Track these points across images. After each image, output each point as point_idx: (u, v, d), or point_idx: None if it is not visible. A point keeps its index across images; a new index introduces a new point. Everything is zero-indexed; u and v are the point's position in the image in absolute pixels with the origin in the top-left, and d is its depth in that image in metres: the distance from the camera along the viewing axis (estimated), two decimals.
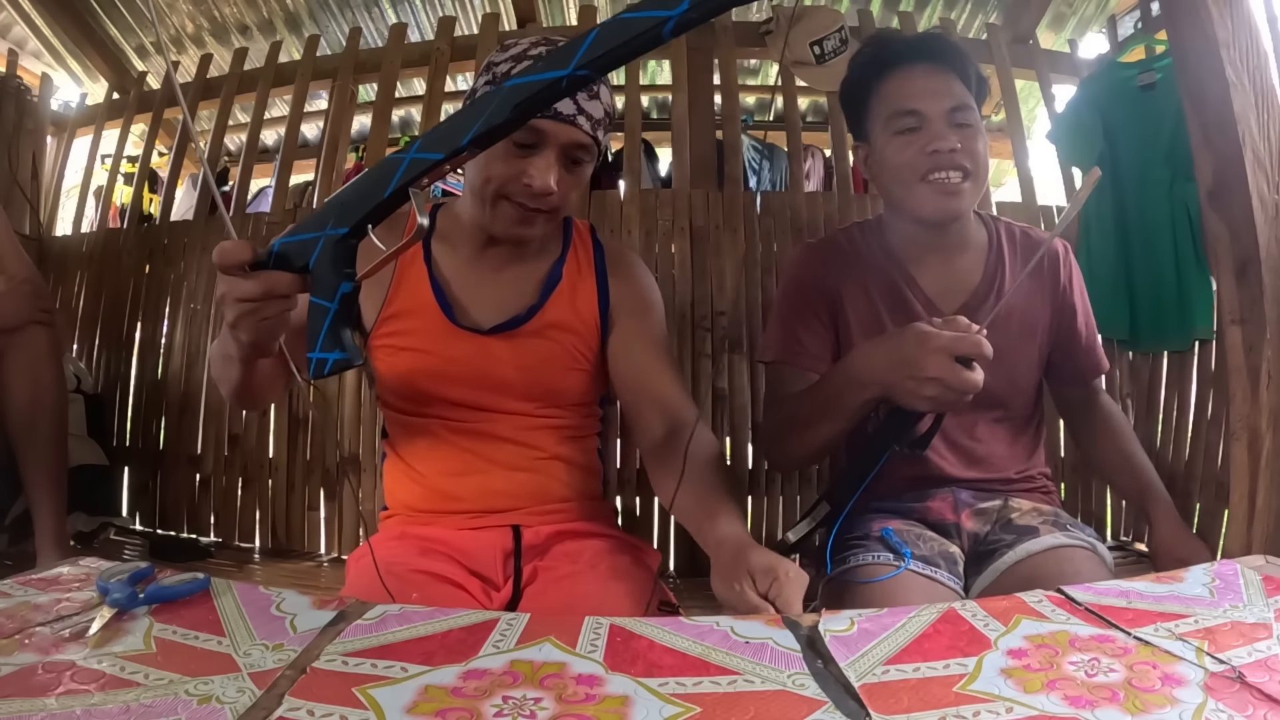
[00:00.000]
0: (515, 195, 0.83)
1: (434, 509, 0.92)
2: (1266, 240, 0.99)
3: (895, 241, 1.04)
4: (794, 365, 1.02)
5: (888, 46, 1.00)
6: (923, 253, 1.02)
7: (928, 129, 0.94)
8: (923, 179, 0.94)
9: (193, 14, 2.35)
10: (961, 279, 1.03)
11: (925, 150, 0.93)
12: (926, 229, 1.00)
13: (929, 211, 0.96)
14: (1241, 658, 0.42)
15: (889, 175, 0.98)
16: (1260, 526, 1.01)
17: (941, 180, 0.93)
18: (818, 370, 1.00)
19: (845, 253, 1.06)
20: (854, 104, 1.03)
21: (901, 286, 1.02)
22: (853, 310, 1.02)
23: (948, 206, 0.95)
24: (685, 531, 1.52)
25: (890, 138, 0.96)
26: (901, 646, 0.45)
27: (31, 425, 1.28)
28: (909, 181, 0.95)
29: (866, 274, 1.03)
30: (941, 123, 0.94)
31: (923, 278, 1.02)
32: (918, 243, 1.02)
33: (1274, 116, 1.03)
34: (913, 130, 0.95)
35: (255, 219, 1.75)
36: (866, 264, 1.04)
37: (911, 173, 0.95)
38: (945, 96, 0.95)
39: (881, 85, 0.98)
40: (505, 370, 0.90)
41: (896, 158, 0.96)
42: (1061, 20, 2.29)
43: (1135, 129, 1.52)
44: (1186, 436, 1.49)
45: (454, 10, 2.34)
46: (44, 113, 2.11)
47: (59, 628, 0.46)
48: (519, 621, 0.49)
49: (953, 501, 0.99)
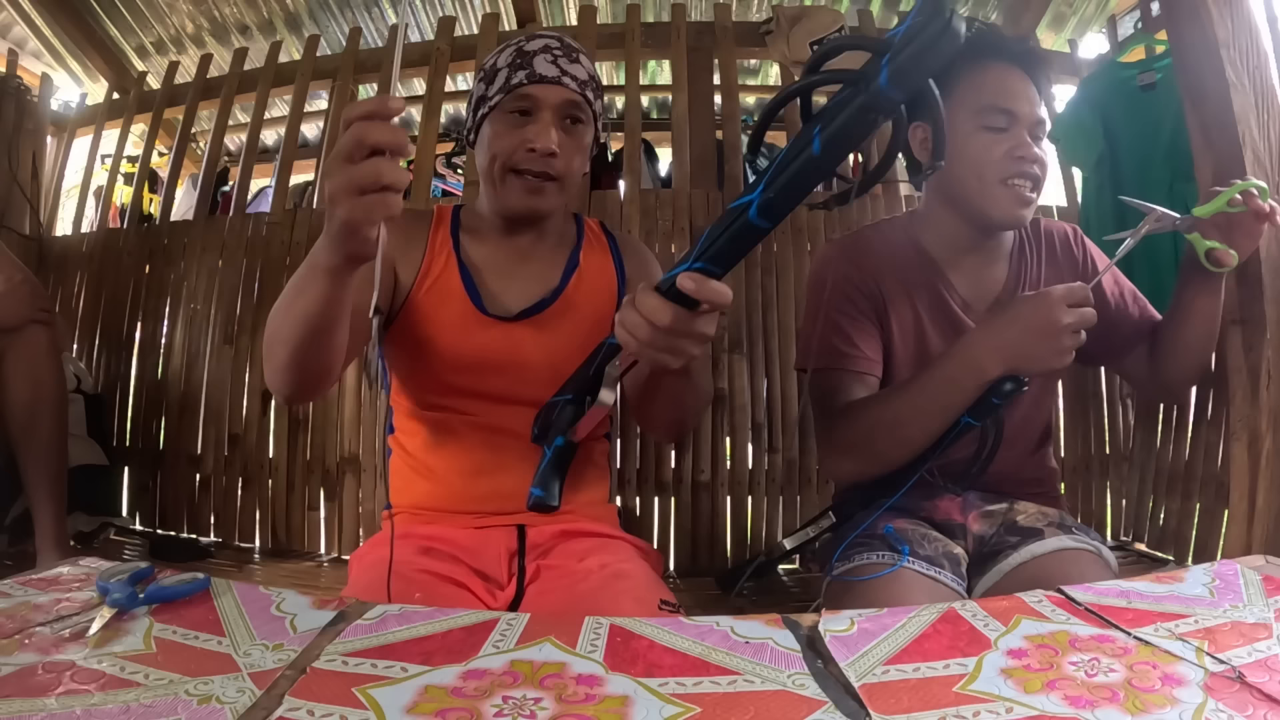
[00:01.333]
0: (521, 164, 0.88)
1: (442, 508, 0.92)
2: (1266, 240, 0.99)
3: (932, 241, 1.02)
4: (847, 370, 0.97)
5: (988, 38, 0.97)
6: (959, 254, 1.01)
7: (1015, 133, 0.92)
8: (1003, 182, 0.92)
9: (193, 14, 2.35)
10: (991, 280, 1.02)
11: (1013, 153, 0.92)
12: (975, 230, 0.98)
13: (999, 215, 0.94)
14: (1241, 658, 0.42)
15: (965, 168, 0.94)
16: (1260, 526, 1.01)
17: (1019, 187, 0.93)
18: (873, 373, 0.98)
19: (880, 251, 1.03)
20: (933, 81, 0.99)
21: (939, 288, 1.00)
22: (893, 310, 1.00)
23: (1018, 214, 0.94)
24: (685, 532, 1.52)
25: (977, 130, 0.93)
26: (901, 646, 0.45)
27: (31, 425, 1.28)
28: (988, 180, 0.93)
29: (904, 274, 1.01)
30: (1027, 131, 0.93)
31: (957, 280, 1.01)
32: (958, 244, 1.00)
33: (1274, 116, 1.03)
34: (1001, 130, 0.93)
35: (255, 219, 1.75)
36: (901, 264, 1.01)
37: (994, 172, 0.92)
38: (1036, 106, 0.94)
39: (974, 73, 0.94)
40: (530, 353, 0.92)
41: (983, 153, 0.93)
42: (1061, 20, 2.29)
43: (1135, 129, 1.52)
44: (1186, 436, 1.49)
45: (454, 10, 2.34)
46: (44, 113, 2.11)
47: (59, 628, 0.46)
48: (519, 622, 0.49)
49: (961, 503, 0.99)
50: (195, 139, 2.52)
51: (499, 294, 0.94)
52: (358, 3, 2.33)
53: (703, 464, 1.53)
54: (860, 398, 0.95)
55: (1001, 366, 0.82)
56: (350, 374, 1.61)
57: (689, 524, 1.52)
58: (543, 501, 0.71)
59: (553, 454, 0.72)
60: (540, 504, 0.71)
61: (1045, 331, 0.79)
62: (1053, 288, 0.80)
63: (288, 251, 1.69)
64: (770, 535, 1.52)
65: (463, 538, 0.88)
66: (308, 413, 1.62)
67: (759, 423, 1.55)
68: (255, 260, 1.71)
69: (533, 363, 0.91)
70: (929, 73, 0.50)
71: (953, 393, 0.85)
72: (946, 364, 0.86)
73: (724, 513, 1.53)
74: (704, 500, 1.52)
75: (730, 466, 1.55)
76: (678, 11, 1.77)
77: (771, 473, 1.54)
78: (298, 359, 0.71)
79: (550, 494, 0.72)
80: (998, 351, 0.82)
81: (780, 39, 1.75)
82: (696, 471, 1.53)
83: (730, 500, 1.54)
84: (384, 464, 1.02)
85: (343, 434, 1.60)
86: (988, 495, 1.00)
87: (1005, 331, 0.82)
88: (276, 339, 0.72)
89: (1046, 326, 0.79)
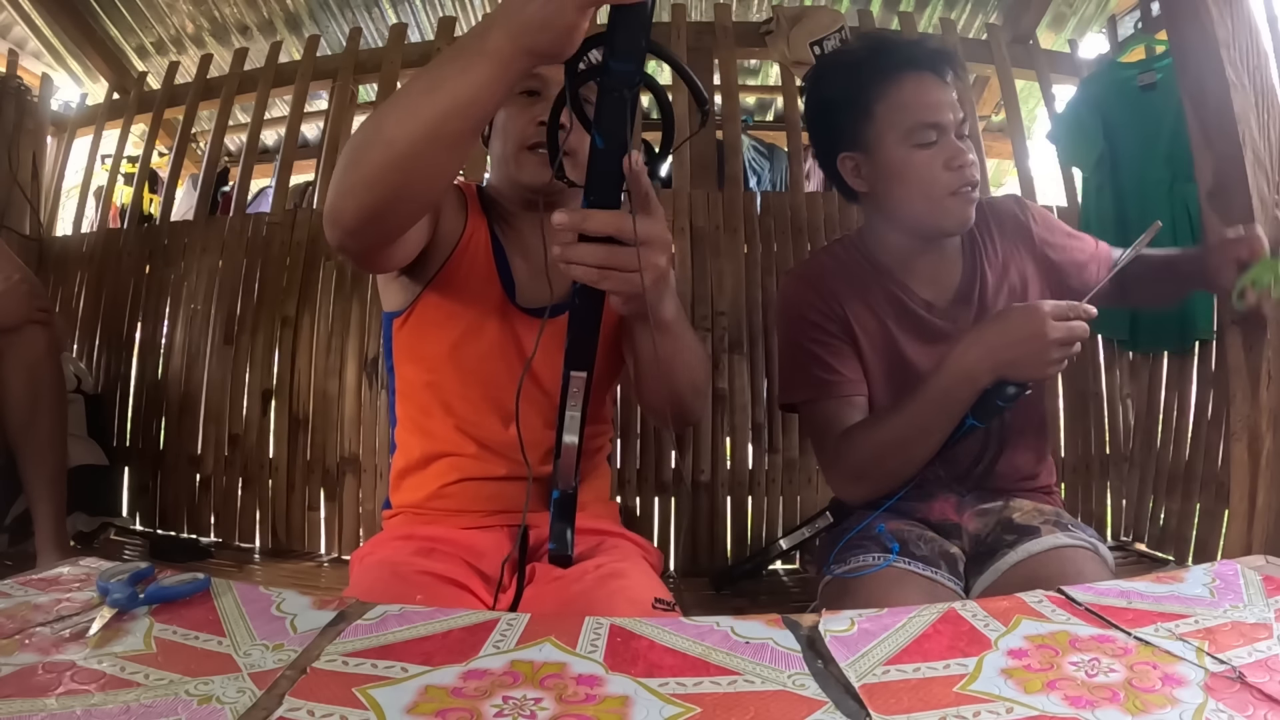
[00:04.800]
0: (534, 139, 0.88)
1: (445, 507, 0.92)
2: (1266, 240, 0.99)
3: (883, 253, 1.03)
4: (834, 397, 0.98)
5: (895, 52, 0.96)
6: (911, 260, 1.01)
7: (945, 143, 0.93)
8: (953, 194, 0.93)
9: (193, 14, 2.35)
10: (948, 276, 1.03)
11: (951, 164, 0.92)
12: (922, 241, 1.00)
13: (952, 225, 0.95)
14: (1242, 658, 0.42)
15: (909, 189, 0.95)
16: (1260, 526, 1.01)
17: (967, 194, 0.93)
18: (860, 393, 0.98)
19: (837, 274, 1.04)
20: (847, 109, 0.97)
21: (899, 295, 1.01)
22: (860, 328, 1.01)
23: (967, 218, 0.95)
24: (685, 531, 1.52)
25: (910, 151, 0.93)
26: (902, 647, 0.45)
27: (31, 425, 1.28)
28: (936, 196, 0.93)
29: (863, 290, 1.02)
30: (954, 135, 0.94)
31: (914, 282, 1.02)
32: (909, 252, 1.01)
33: (1274, 116, 1.03)
34: (932, 144, 0.93)
35: (255, 219, 1.76)
36: (858, 280, 1.02)
37: (941, 188, 0.93)
38: (955, 108, 0.94)
39: (891, 92, 0.94)
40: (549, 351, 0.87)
41: (922, 172, 0.93)
42: (1061, 20, 2.29)
43: (1135, 129, 1.52)
44: (1186, 436, 1.49)
45: (454, 10, 2.34)
46: (44, 113, 2.11)
47: (59, 628, 0.46)
48: (519, 622, 0.49)
49: (955, 502, 0.99)
50: (195, 139, 2.52)
51: (526, 288, 0.92)
52: (358, 3, 2.33)
53: (703, 464, 1.53)
54: (857, 422, 0.96)
55: (992, 374, 0.84)
56: (350, 374, 1.61)
57: (689, 524, 1.52)
58: (558, 553, 0.76)
59: (554, 507, 0.76)
60: (556, 556, 0.76)
61: (1032, 344, 0.81)
62: (1042, 302, 0.82)
63: (288, 251, 1.69)
64: (770, 535, 1.52)
65: (464, 538, 0.88)
66: (308, 413, 1.63)
67: (759, 423, 1.55)
68: (255, 260, 1.71)
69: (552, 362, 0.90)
70: (637, 39, 0.58)
71: (949, 403, 0.86)
72: (940, 376, 0.87)
73: (724, 513, 1.54)
74: (704, 500, 1.52)
75: (730, 466, 1.55)
76: (678, 11, 1.77)
77: (771, 473, 1.54)
78: (406, 165, 0.62)
79: (562, 545, 0.76)
80: (987, 360, 0.83)
81: (780, 39, 1.75)
82: (696, 471, 1.53)
83: (730, 500, 1.54)
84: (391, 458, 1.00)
85: (343, 434, 1.60)
86: (983, 494, 1.00)
87: (993, 341, 0.83)
88: (384, 139, 0.62)
89: (1033, 339, 0.80)
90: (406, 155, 0.62)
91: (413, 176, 0.64)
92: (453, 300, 0.90)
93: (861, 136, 0.97)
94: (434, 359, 0.91)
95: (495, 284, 0.90)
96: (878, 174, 0.97)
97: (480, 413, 0.91)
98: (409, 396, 0.95)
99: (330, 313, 1.65)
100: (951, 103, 0.94)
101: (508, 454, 0.90)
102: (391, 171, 0.63)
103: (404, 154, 0.62)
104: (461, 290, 0.90)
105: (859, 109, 0.96)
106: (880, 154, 0.96)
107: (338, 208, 0.68)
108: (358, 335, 1.62)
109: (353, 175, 0.65)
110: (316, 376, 1.63)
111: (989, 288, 1.01)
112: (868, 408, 0.99)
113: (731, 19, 1.81)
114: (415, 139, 0.61)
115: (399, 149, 0.61)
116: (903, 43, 1.00)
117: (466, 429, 0.91)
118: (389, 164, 0.63)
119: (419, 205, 0.72)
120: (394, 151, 0.62)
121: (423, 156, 0.62)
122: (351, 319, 1.63)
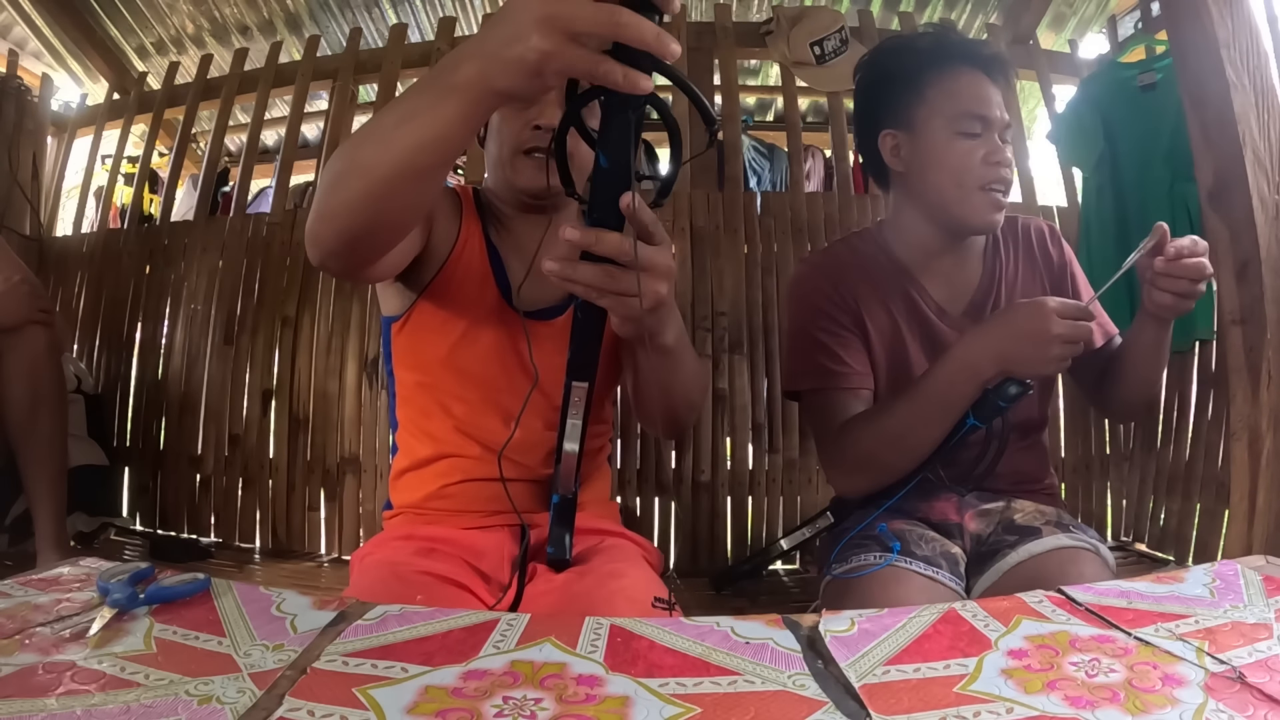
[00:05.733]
0: (529, 143, 0.89)
1: (446, 507, 0.92)
2: (1266, 240, 0.99)
3: (903, 249, 1.02)
4: (840, 388, 0.97)
5: (958, 46, 0.98)
6: (932, 259, 1.01)
7: (989, 139, 0.93)
8: (983, 188, 0.93)
9: (193, 14, 2.35)
10: (965, 280, 1.02)
11: (989, 159, 0.93)
12: (947, 235, 0.99)
13: (978, 220, 0.95)
14: (1242, 658, 0.42)
15: (944, 175, 0.95)
16: (1260, 526, 1.01)
17: (997, 192, 0.94)
18: (866, 386, 0.98)
19: (852, 265, 1.03)
20: (900, 88, 0.98)
21: (913, 295, 1.01)
22: (871, 322, 1.00)
23: (994, 219, 0.95)
24: (685, 531, 1.52)
25: (953, 137, 0.94)
26: (902, 647, 0.45)
27: (31, 425, 1.28)
28: (967, 186, 0.94)
29: (878, 285, 1.01)
30: (998, 136, 0.94)
31: (930, 285, 1.01)
32: (930, 250, 1.01)
33: (1274, 116, 1.03)
34: (975, 136, 0.93)
35: (255, 219, 1.76)
36: (874, 275, 1.02)
37: (973, 179, 0.93)
38: (1003, 110, 0.95)
39: (947, 79, 0.95)
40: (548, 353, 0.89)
41: (960, 160, 0.94)
42: (1061, 20, 2.29)
43: (1135, 129, 1.52)
44: (1186, 436, 1.49)
45: (454, 10, 2.34)
46: (44, 113, 2.11)
47: (59, 628, 0.46)
48: (519, 622, 0.49)
49: (957, 503, 0.99)
50: (195, 139, 2.52)
51: (523, 288, 0.91)
52: (358, 3, 2.34)
53: (703, 464, 1.53)
54: (859, 413, 0.95)
55: (995, 368, 0.84)
56: (350, 374, 1.61)
57: (689, 524, 1.52)
58: (556, 557, 0.79)
59: (554, 512, 0.76)
60: (555, 560, 0.79)
61: (1035, 339, 0.81)
62: (1048, 298, 0.82)
63: (288, 252, 1.69)
64: (770, 535, 1.52)
65: (465, 538, 0.88)
66: (308, 413, 1.63)
67: (759, 423, 1.55)
68: (255, 261, 1.71)
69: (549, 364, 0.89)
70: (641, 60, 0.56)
71: (951, 395, 0.86)
72: (943, 367, 0.87)
73: (724, 513, 1.54)
74: (704, 500, 1.52)
75: (730, 466, 1.55)
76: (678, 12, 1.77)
77: (771, 473, 1.54)
78: (380, 194, 0.62)
79: (561, 550, 0.78)
80: (990, 351, 0.84)
81: (780, 39, 1.75)
82: (696, 471, 1.53)
83: (730, 500, 1.54)
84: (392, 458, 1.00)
85: (343, 434, 1.60)
86: (984, 494, 1.00)
87: (998, 334, 0.84)
88: (359, 167, 0.62)
89: (1036, 334, 0.80)
90: (381, 183, 0.62)
91: (388, 204, 0.64)
92: (449, 305, 0.90)
93: (908, 115, 0.98)
94: (432, 363, 0.92)
95: (491, 288, 0.90)
96: (916, 154, 0.97)
97: (481, 415, 0.91)
98: (409, 400, 0.95)
99: (330, 313, 1.65)
100: (1000, 103, 0.95)
101: (509, 455, 0.90)
102: (368, 199, 0.63)
103: (380, 181, 0.62)
104: (458, 295, 0.90)
105: (912, 89, 0.97)
106: (924, 136, 0.96)
107: (317, 231, 0.68)
108: (358, 335, 1.62)
109: (331, 200, 0.66)
110: (316, 377, 1.63)
111: (1002, 303, 1.01)
112: (872, 402, 0.99)
113: (731, 19, 1.82)
114: (388, 170, 0.61)
115: (375, 176, 0.62)
116: (966, 40, 1.01)
117: (467, 431, 0.91)
118: (365, 191, 0.63)
119: (396, 231, 0.72)
120: (370, 179, 0.62)
121: (396, 187, 0.62)
122: (351, 319, 1.63)
